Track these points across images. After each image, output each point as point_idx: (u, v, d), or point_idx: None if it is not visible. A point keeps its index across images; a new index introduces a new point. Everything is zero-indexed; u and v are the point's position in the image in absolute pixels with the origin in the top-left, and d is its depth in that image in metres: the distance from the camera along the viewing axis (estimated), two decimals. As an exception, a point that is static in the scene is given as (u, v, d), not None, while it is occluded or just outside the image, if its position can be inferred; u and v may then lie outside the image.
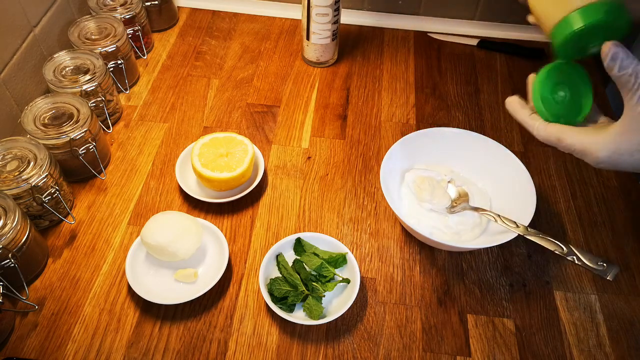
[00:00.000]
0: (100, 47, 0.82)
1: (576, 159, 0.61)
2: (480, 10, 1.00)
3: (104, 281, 0.67)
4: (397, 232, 0.72)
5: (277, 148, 0.82)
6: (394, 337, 0.63)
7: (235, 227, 0.72)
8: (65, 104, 0.73)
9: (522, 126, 0.63)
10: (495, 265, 0.70)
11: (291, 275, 0.64)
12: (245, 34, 1.00)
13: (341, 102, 0.88)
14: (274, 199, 0.75)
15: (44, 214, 0.69)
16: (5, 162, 0.66)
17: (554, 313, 0.66)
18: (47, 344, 0.61)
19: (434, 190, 0.70)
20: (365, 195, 0.76)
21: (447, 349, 0.62)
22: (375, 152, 0.82)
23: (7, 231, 0.60)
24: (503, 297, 0.67)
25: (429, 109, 0.88)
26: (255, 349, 0.62)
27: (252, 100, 0.88)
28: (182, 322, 0.64)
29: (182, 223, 0.65)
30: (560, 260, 0.70)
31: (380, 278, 0.68)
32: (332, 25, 0.88)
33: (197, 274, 0.66)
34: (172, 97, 0.89)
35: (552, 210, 0.75)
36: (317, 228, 0.72)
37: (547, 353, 0.62)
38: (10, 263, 0.60)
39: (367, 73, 0.93)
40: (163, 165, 0.79)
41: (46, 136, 0.69)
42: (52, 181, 0.67)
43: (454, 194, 0.71)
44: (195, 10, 1.04)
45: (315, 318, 0.61)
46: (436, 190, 0.71)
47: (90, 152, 0.73)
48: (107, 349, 0.61)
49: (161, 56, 0.95)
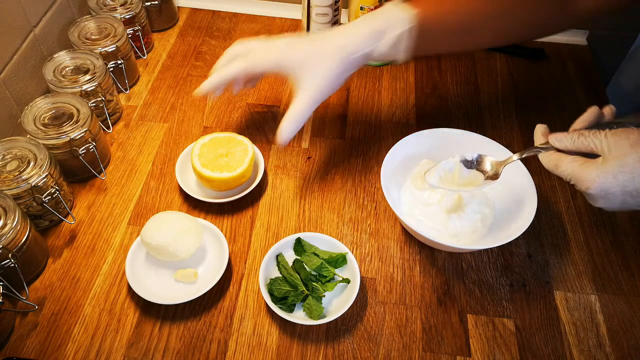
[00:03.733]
0: (100, 47, 0.82)
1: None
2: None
3: (104, 281, 0.67)
4: (397, 232, 0.72)
5: (277, 148, 0.82)
6: (394, 337, 0.63)
7: (235, 227, 0.72)
8: (65, 104, 0.73)
9: (522, 127, 0.64)
10: (495, 265, 0.70)
11: (291, 275, 0.64)
12: (245, 34, 1.00)
13: (341, 102, 0.88)
14: (274, 199, 0.75)
15: (44, 214, 0.69)
16: (5, 162, 0.66)
17: (554, 313, 0.66)
18: (47, 344, 0.61)
19: (459, 175, 0.68)
20: (365, 195, 0.76)
21: (447, 349, 0.62)
22: (375, 152, 0.82)
23: (7, 231, 0.60)
24: (503, 297, 0.67)
25: (429, 109, 0.88)
26: (255, 349, 0.62)
27: (252, 100, 0.88)
28: (182, 322, 0.64)
29: (182, 223, 0.65)
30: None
31: (380, 278, 0.68)
32: (332, 25, 0.88)
33: (197, 274, 0.66)
34: (172, 97, 0.89)
35: (552, 210, 0.75)
36: (317, 228, 0.72)
37: (547, 353, 0.62)
38: (10, 263, 0.60)
39: (367, 73, 0.93)
40: (163, 165, 0.79)
41: (46, 136, 0.69)
42: (52, 181, 0.67)
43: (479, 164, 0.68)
44: (195, 10, 1.04)
45: (315, 318, 0.61)
46: (461, 174, 0.68)
47: (90, 152, 0.73)
48: (107, 349, 0.61)
49: (161, 56, 0.95)
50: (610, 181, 0.52)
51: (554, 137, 0.58)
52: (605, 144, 0.54)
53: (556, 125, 0.88)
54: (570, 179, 0.56)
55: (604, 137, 0.54)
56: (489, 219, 0.70)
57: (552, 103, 0.89)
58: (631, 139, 0.52)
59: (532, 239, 0.72)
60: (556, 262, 0.70)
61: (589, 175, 0.53)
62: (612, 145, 0.53)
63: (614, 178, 0.52)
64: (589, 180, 0.53)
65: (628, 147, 0.52)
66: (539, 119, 0.86)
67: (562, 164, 0.56)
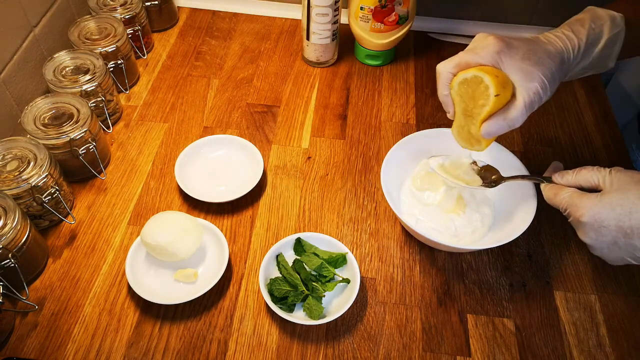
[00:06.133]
0: (100, 47, 0.82)
1: (575, 158, 0.61)
2: (481, 10, 1.00)
3: (104, 281, 0.67)
4: (397, 232, 0.72)
5: (277, 148, 0.82)
6: (394, 337, 0.63)
7: (235, 227, 0.72)
8: (65, 104, 0.73)
9: (522, 127, 0.64)
10: (495, 265, 0.70)
11: (291, 275, 0.64)
12: (245, 34, 1.00)
13: (341, 102, 0.88)
14: (274, 199, 0.75)
15: (44, 214, 0.69)
16: (5, 162, 0.66)
17: (554, 313, 0.66)
18: (47, 344, 0.61)
19: (463, 172, 0.68)
20: (365, 195, 0.76)
21: (447, 349, 0.62)
22: (375, 152, 0.82)
23: (7, 231, 0.60)
24: (503, 297, 0.67)
25: (429, 109, 0.88)
26: (255, 349, 0.62)
27: (252, 100, 0.88)
28: (182, 322, 0.64)
29: (182, 223, 0.65)
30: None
31: (380, 278, 0.68)
32: (332, 25, 0.88)
33: (197, 274, 0.66)
34: (172, 97, 0.89)
35: (552, 210, 0.75)
36: (317, 228, 0.72)
37: (547, 353, 0.62)
38: (10, 263, 0.60)
39: (367, 73, 0.93)
40: (163, 165, 0.79)
41: (46, 136, 0.69)
42: (52, 181, 0.67)
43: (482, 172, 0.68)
44: (195, 10, 1.04)
45: (315, 318, 0.61)
46: (465, 171, 0.68)
47: (90, 152, 0.73)
48: (107, 349, 0.61)
49: (161, 56, 0.95)
50: (607, 212, 0.52)
51: (558, 174, 0.59)
52: (607, 179, 0.54)
53: (556, 125, 0.88)
54: (566, 207, 0.56)
55: (608, 173, 0.54)
56: (488, 219, 0.70)
57: (552, 103, 0.89)
58: (635, 177, 0.53)
59: (532, 239, 0.72)
60: (556, 262, 0.70)
61: (586, 203, 0.53)
62: (615, 180, 0.53)
63: (612, 210, 0.52)
64: (584, 207, 0.53)
65: (632, 184, 0.52)
66: (539, 119, 0.87)
67: (560, 193, 0.57)
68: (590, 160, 0.81)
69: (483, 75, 0.55)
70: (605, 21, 0.59)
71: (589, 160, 0.81)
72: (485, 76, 0.54)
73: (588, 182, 0.56)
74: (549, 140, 0.84)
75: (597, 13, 0.60)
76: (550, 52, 0.57)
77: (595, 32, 0.59)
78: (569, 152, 0.82)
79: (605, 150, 0.83)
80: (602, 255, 0.56)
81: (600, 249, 0.54)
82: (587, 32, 0.59)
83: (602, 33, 0.59)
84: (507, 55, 0.55)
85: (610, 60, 0.61)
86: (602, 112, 0.88)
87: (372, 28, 0.88)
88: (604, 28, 0.59)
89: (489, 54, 0.56)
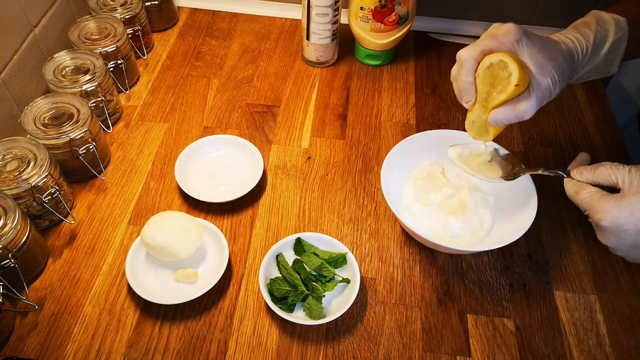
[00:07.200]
0: (100, 47, 0.82)
1: (575, 158, 0.61)
2: (481, 11, 1.00)
3: (104, 281, 0.67)
4: (397, 232, 0.72)
5: (277, 148, 0.82)
6: (394, 337, 0.63)
7: (235, 227, 0.72)
8: (65, 104, 0.73)
9: (522, 127, 0.64)
10: (495, 265, 0.70)
11: (291, 275, 0.64)
12: (245, 34, 1.00)
13: (341, 102, 0.88)
14: (274, 199, 0.75)
15: (44, 214, 0.69)
16: (5, 162, 0.66)
17: (554, 313, 0.66)
18: (47, 344, 0.61)
19: (481, 164, 0.68)
20: (365, 195, 0.76)
21: (447, 349, 0.62)
22: (375, 152, 0.82)
23: (7, 231, 0.60)
24: (503, 297, 0.67)
25: (429, 109, 0.88)
26: (255, 349, 0.62)
27: (252, 100, 0.88)
28: (182, 322, 0.64)
29: (182, 223, 0.65)
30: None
31: (380, 278, 0.68)
32: (332, 25, 0.88)
33: (197, 274, 0.66)
34: (172, 97, 0.89)
35: (552, 210, 0.75)
36: (317, 228, 0.72)
37: (547, 353, 0.62)
38: (10, 263, 0.60)
39: (367, 73, 0.93)
40: (163, 165, 0.79)
41: (46, 136, 0.69)
42: (52, 181, 0.67)
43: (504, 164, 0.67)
44: (195, 10, 1.04)
45: (315, 318, 0.61)
46: (484, 162, 0.68)
47: (90, 152, 0.73)
48: (107, 349, 0.61)
49: (161, 56, 0.95)
50: (626, 217, 0.51)
51: (576, 171, 0.58)
52: (627, 179, 0.52)
53: (556, 125, 0.88)
54: (586, 207, 0.55)
55: (628, 171, 0.53)
56: (488, 222, 0.70)
57: (552, 103, 0.89)
58: None
59: (532, 239, 0.72)
60: (556, 262, 0.70)
61: (605, 207, 0.52)
62: (634, 180, 0.52)
63: (630, 214, 0.51)
64: (604, 211, 0.52)
65: None
66: (539, 119, 0.87)
67: (581, 192, 0.56)
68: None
69: (510, 61, 0.53)
70: (610, 24, 0.59)
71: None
72: (511, 63, 0.53)
73: (606, 180, 0.54)
74: (549, 140, 0.84)
75: (602, 16, 0.60)
76: (562, 49, 0.57)
77: (601, 34, 0.59)
78: (569, 152, 0.82)
79: (606, 150, 0.83)
80: (622, 255, 0.55)
81: (621, 250, 0.54)
82: (594, 34, 0.59)
83: (608, 36, 0.59)
84: (527, 45, 0.55)
85: (613, 65, 0.61)
86: (602, 112, 0.88)
87: (372, 28, 0.88)
88: (609, 31, 0.59)
89: (510, 41, 0.54)
